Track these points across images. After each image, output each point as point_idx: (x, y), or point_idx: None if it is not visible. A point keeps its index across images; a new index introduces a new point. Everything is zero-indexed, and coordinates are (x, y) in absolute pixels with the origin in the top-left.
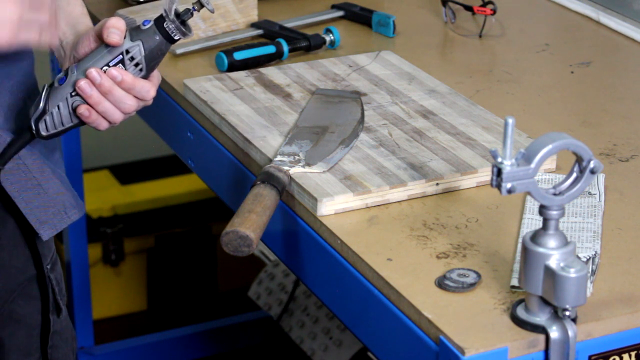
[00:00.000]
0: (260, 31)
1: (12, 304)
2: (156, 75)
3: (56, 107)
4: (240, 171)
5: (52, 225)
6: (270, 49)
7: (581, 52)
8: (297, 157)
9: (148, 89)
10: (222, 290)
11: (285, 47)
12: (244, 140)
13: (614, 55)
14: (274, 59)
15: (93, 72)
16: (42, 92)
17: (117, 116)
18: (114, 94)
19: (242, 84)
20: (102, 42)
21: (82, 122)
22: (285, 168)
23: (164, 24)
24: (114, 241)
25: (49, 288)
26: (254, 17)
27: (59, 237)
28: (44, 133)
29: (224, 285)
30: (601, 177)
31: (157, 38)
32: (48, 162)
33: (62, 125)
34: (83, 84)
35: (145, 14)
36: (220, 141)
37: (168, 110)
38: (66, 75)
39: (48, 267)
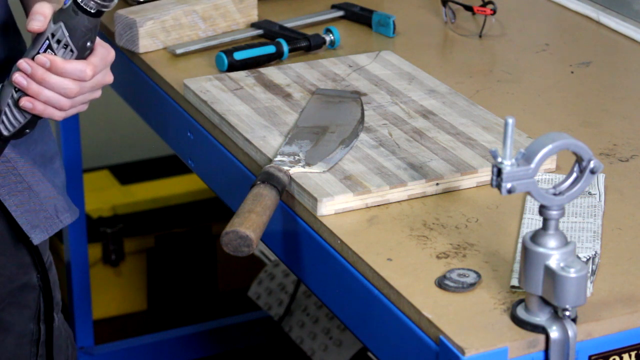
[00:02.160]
0: (260, 31)
1: (2, 312)
2: (99, 53)
3: (7, 106)
4: (240, 171)
5: (43, 229)
6: (270, 49)
7: (581, 52)
8: (297, 157)
9: (82, 69)
10: (222, 290)
11: (285, 47)
12: (244, 140)
13: (614, 55)
14: (274, 59)
15: (23, 63)
16: None
17: (64, 102)
18: (49, 80)
19: (242, 84)
20: None
21: (35, 116)
22: (285, 168)
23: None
24: (114, 241)
25: (40, 297)
26: (254, 17)
27: (59, 237)
28: (5, 133)
29: (224, 285)
30: (601, 177)
31: (77, 15)
32: (44, 172)
33: (19, 122)
34: (17, 76)
35: (145, 14)
36: (220, 141)
37: (168, 110)
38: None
39: (38, 276)
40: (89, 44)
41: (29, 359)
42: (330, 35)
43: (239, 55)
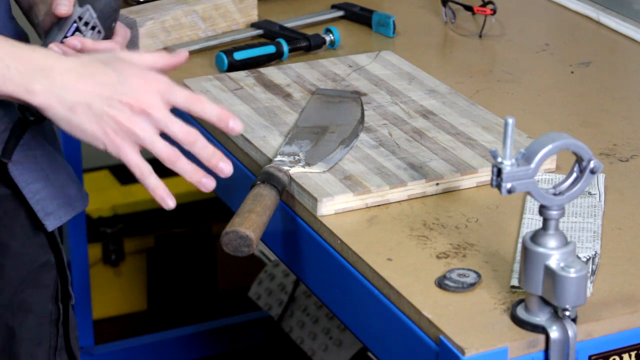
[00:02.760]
0: (260, 31)
1: (22, 293)
2: (121, 33)
3: None
4: (240, 171)
5: (57, 217)
6: (270, 49)
7: (581, 52)
8: (297, 157)
9: (112, 48)
10: (222, 290)
11: (285, 47)
12: (244, 140)
13: (614, 55)
14: (274, 59)
15: (52, 47)
16: None
17: None
18: None
19: (242, 84)
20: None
21: None
22: (285, 168)
23: None
24: (114, 241)
25: (57, 276)
26: (254, 17)
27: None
28: (31, 117)
29: (224, 285)
30: (601, 177)
31: None
32: (52, 150)
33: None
34: None
35: (145, 14)
36: (220, 141)
37: None
38: None
39: (53, 255)
40: (114, 24)
41: (49, 339)
42: (330, 35)
43: (239, 55)
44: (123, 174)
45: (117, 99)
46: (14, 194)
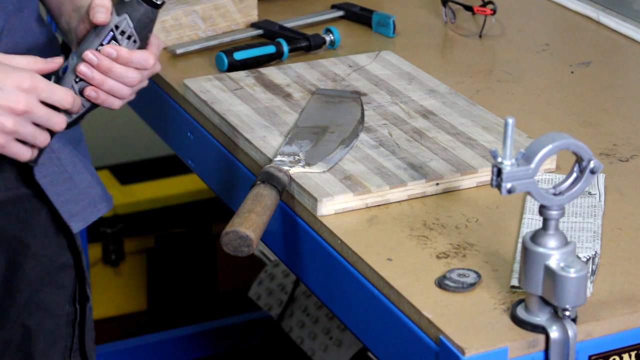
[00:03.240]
0: (260, 31)
1: (40, 292)
2: (155, 43)
3: None
4: (241, 171)
5: (82, 218)
6: (270, 49)
7: (581, 52)
8: (297, 157)
9: (146, 58)
10: (222, 290)
11: (285, 47)
12: (244, 140)
13: (614, 55)
14: (274, 59)
15: (89, 54)
16: None
17: (125, 91)
18: (114, 70)
19: (242, 84)
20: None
21: (94, 105)
22: (285, 168)
23: None
24: (114, 241)
25: (75, 277)
26: (254, 17)
27: None
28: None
29: (224, 285)
30: (601, 177)
31: (142, 7)
32: (76, 153)
33: (77, 113)
34: (82, 67)
35: None
36: (220, 141)
37: (168, 110)
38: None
39: (72, 257)
40: (149, 34)
41: (65, 339)
42: (330, 35)
43: (239, 55)
44: (123, 173)
45: None
46: (34, 194)
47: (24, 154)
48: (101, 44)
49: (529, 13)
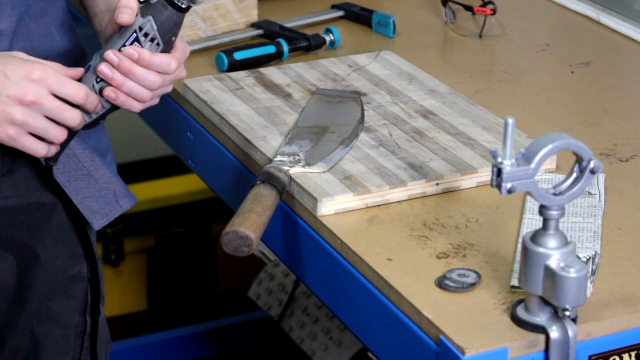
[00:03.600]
0: (260, 31)
1: (50, 302)
2: (180, 48)
3: None
4: (240, 171)
5: (103, 215)
6: (270, 49)
7: (581, 52)
8: (297, 157)
9: (168, 62)
10: (222, 290)
11: (285, 47)
12: (244, 140)
13: (614, 55)
14: (274, 59)
15: (110, 54)
16: None
17: (145, 94)
18: (135, 72)
19: (242, 84)
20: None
21: (114, 106)
22: (285, 168)
23: None
24: (114, 241)
25: (88, 289)
26: (254, 17)
27: None
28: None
29: (224, 285)
30: (601, 177)
31: (167, 10)
32: (92, 150)
33: (96, 112)
34: (102, 67)
35: None
36: (220, 141)
37: (168, 110)
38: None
39: (88, 267)
40: (174, 38)
41: (73, 350)
42: (330, 35)
43: (239, 55)
44: (123, 173)
45: (5, 94)
46: (45, 203)
47: (38, 148)
48: (123, 45)
49: (529, 13)
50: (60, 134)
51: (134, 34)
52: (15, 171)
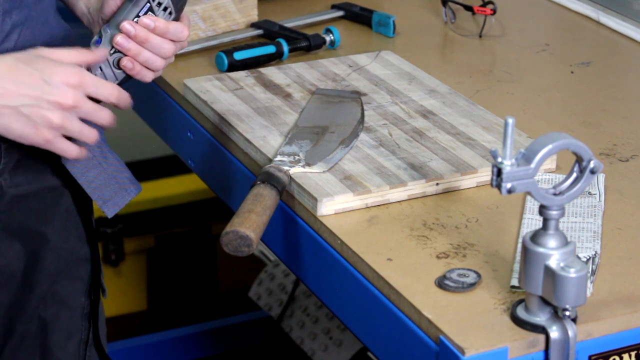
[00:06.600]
0: (260, 31)
1: (57, 285)
2: (186, 17)
3: (98, 69)
4: (240, 171)
5: (114, 203)
6: (270, 49)
7: (581, 52)
8: (297, 157)
9: (181, 30)
10: (222, 290)
11: (285, 47)
12: (244, 140)
13: (614, 55)
14: (274, 59)
15: (126, 25)
16: None
17: (159, 63)
18: (151, 41)
19: (242, 84)
20: None
21: (126, 78)
22: (285, 168)
23: None
24: (114, 241)
25: (99, 268)
26: (254, 17)
27: None
28: None
29: (224, 285)
30: (601, 177)
31: None
32: (100, 138)
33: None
34: (119, 39)
35: None
36: (220, 141)
37: (168, 110)
38: (100, 37)
39: (89, 249)
40: (184, 7)
41: (80, 332)
42: (330, 35)
43: (239, 55)
44: None
45: (45, 99)
46: (54, 186)
47: (72, 150)
48: (138, 15)
49: (529, 13)
50: (93, 135)
51: (148, 4)
52: (26, 159)
